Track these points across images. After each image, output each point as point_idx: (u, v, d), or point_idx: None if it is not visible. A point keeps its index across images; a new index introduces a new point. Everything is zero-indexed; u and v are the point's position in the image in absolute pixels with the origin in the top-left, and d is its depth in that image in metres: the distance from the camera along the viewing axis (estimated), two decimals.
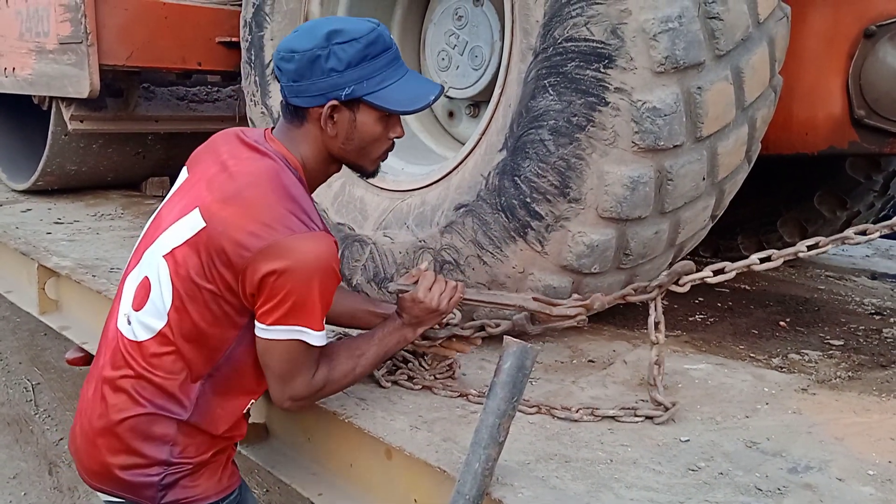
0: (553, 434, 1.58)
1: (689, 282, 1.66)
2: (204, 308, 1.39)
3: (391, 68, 1.46)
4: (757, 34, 1.84)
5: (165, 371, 1.41)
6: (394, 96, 1.45)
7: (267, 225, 1.35)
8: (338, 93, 1.42)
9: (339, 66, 1.40)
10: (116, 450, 1.43)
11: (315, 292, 1.36)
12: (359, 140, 1.50)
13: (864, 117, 2.16)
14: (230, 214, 1.37)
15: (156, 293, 1.42)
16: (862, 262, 3.60)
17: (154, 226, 1.51)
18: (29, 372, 4.42)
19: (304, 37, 1.42)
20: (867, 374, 1.97)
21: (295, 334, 1.38)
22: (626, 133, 1.73)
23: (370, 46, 1.43)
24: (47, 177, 4.17)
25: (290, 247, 1.34)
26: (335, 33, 1.40)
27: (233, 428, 1.52)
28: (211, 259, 1.36)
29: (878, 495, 1.35)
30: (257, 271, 1.33)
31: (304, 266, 1.34)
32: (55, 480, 3.37)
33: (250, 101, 2.69)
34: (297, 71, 1.42)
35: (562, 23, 1.76)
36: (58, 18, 3.38)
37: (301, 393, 1.47)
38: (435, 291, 1.61)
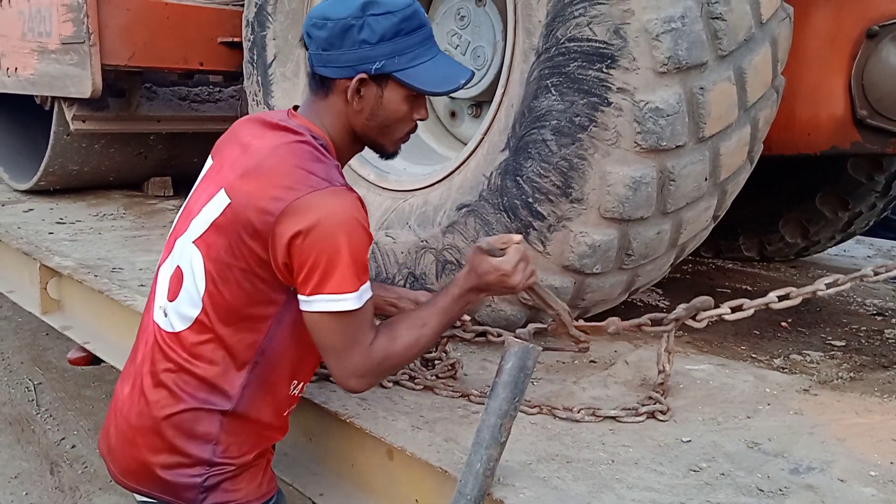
0: (554, 434, 1.58)
1: (707, 318, 1.68)
2: (237, 288, 1.35)
3: (424, 47, 1.42)
4: (759, 34, 1.83)
5: (207, 361, 1.38)
6: (424, 76, 1.41)
7: (287, 187, 1.30)
8: (368, 66, 1.37)
9: (371, 39, 1.36)
10: (158, 448, 1.40)
11: (344, 249, 1.29)
12: (383, 118, 1.45)
13: (866, 117, 2.16)
14: (252, 186, 1.34)
15: (189, 281, 1.39)
16: (863, 262, 3.59)
17: (184, 216, 1.48)
18: (30, 372, 4.42)
19: (339, 5, 1.37)
20: (869, 375, 1.97)
21: (334, 304, 1.31)
22: (629, 133, 1.73)
23: (405, 21, 1.38)
24: (49, 177, 4.17)
25: (312, 203, 1.29)
26: (371, 4, 1.35)
27: (278, 419, 1.49)
28: (238, 234, 1.33)
29: (879, 496, 1.35)
30: (283, 234, 1.29)
31: (328, 221, 1.28)
32: (57, 480, 3.37)
33: (252, 101, 2.70)
34: (327, 39, 1.37)
35: (564, 23, 1.76)
36: (60, 18, 3.39)
37: (361, 366, 1.38)
38: (519, 268, 1.50)
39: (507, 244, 1.52)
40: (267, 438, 1.49)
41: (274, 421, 1.48)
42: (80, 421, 3.85)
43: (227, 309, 1.36)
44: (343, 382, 1.41)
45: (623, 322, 1.75)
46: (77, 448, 3.61)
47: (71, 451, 3.59)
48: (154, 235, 3.40)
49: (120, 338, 2.51)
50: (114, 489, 3.27)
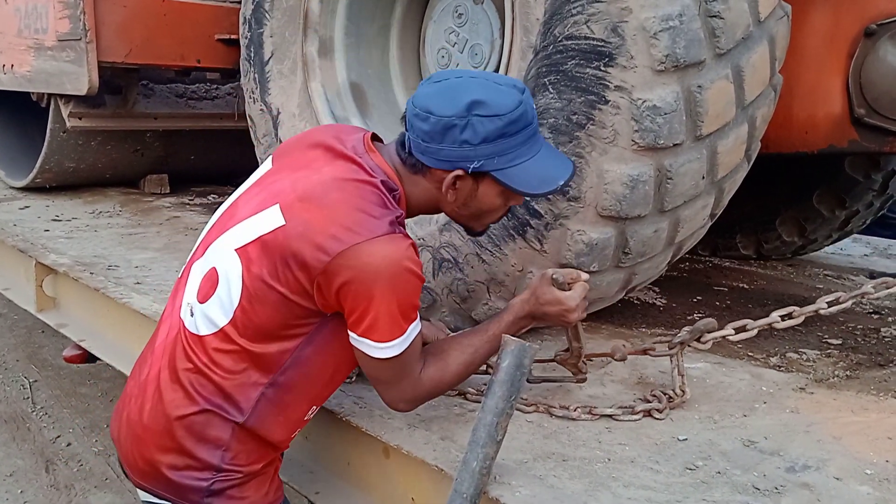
0: (551, 433, 1.58)
1: (712, 339, 1.69)
2: (273, 310, 1.33)
3: (527, 145, 1.38)
4: (757, 33, 1.83)
5: (225, 370, 1.36)
6: (523, 176, 1.38)
7: (348, 228, 1.29)
8: (466, 164, 1.35)
9: (473, 140, 1.33)
10: (167, 448, 1.38)
11: (393, 298, 1.30)
12: (476, 209, 1.45)
13: (863, 116, 2.16)
14: (312, 216, 1.31)
15: (223, 288, 1.36)
16: (860, 261, 3.60)
17: (228, 214, 1.45)
18: (26, 369, 4.41)
19: (445, 100, 1.34)
20: (865, 374, 1.97)
21: (379, 351, 1.34)
22: (626, 131, 1.73)
23: (511, 124, 1.34)
24: (45, 174, 4.16)
25: (368, 251, 1.28)
26: (478, 104, 1.32)
27: (286, 441, 1.48)
28: (286, 260, 1.31)
29: (875, 494, 1.35)
30: (335, 277, 1.28)
31: (381, 271, 1.28)
32: (52, 478, 3.36)
33: (249, 99, 2.69)
34: (429, 133, 1.35)
35: (562, 21, 1.75)
36: (56, 15, 3.38)
37: (410, 394, 1.44)
38: (580, 306, 1.53)
39: (576, 280, 1.54)
40: (277, 449, 1.48)
41: (282, 441, 1.47)
42: (76, 419, 3.85)
43: (257, 327, 1.35)
44: (392, 406, 1.47)
45: (629, 348, 1.76)
46: (72, 446, 3.60)
47: (66, 448, 3.59)
48: (150, 233, 3.39)
49: (115, 335, 2.51)
50: (109, 487, 3.27)
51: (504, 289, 1.96)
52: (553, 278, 1.52)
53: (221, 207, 1.51)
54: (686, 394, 1.71)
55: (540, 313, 1.53)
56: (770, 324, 1.70)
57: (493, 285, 1.97)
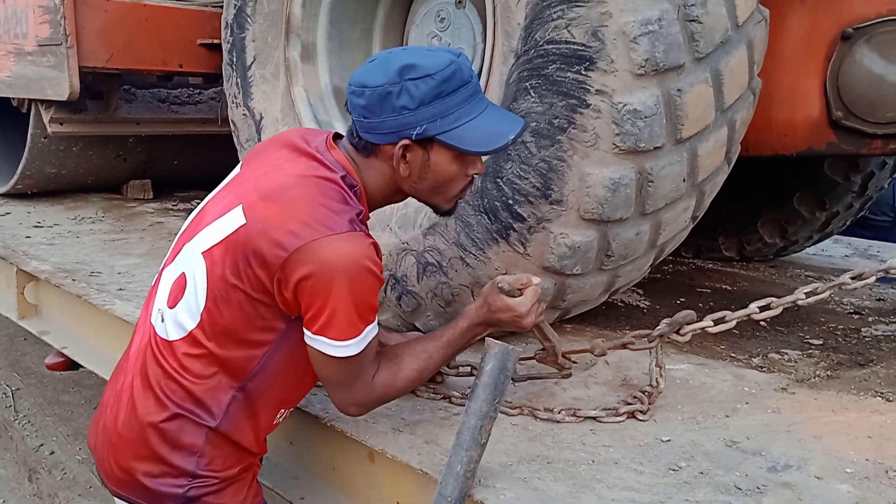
0: (535, 435, 1.59)
1: (690, 331, 1.70)
2: (238, 310, 1.33)
3: (469, 104, 1.37)
4: (736, 37, 1.85)
5: (195, 375, 1.36)
6: (469, 135, 1.36)
7: (306, 224, 1.29)
8: (409, 132, 1.34)
9: (410, 104, 1.32)
10: (142, 456, 1.38)
11: (348, 296, 1.29)
12: (432, 179, 1.43)
13: (841, 119, 2.18)
14: (271, 213, 1.31)
15: (190, 292, 1.36)
16: (841, 262, 3.64)
17: (197, 219, 1.45)
18: (8, 377, 4.37)
19: (377, 71, 1.35)
20: (846, 373, 1.99)
21: (335, 349, 1.33)
22: (607, 135, 1.74)
23: (445, 83, 1.33)
24: (26, 180, 4.13)
25: (326, 247, 1.28)
26: (408, 68, 1.32)
27: (257, 444, 1.48)
28: (247, 259, 1.31)
29: (855, 493, 1.37)
30: (292, 273, 1.28)
31: (339, 268, 1.27)
32: (35, 487, 3.33)
33: (232, 104, 2.68)
34: (367, 107, 1.35)
35: (543, 25, 1.76)
36: (36, 20, 3.35)
37: (362, 397, 1.43)
38: (533, 310, 1.52)
39: (526, 286, 1.54)
40: (253, 454, 1.48)
41: (253, 445, 1.46)
42: (59, 427, 3.81)
43: (224, 329, 1.35)
44: (342, 409, 1.46)
45: (608, 343, 1.77)
46: (56, 454, 3.57)
47: (50, 457, 3.55)
48: (133, 239, 3.37)
49: (98, 342, 2.49)
50: (93, 496, 3.24)
51: None
52: (499, 287, 1.52)
53: (193, 213, 1.51)
54: (660, 385, 1.72)
55: (493, 320, 1.53)
56: (749, 314, 1.70)
57: (477, 289, 1.97)
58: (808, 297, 1.68)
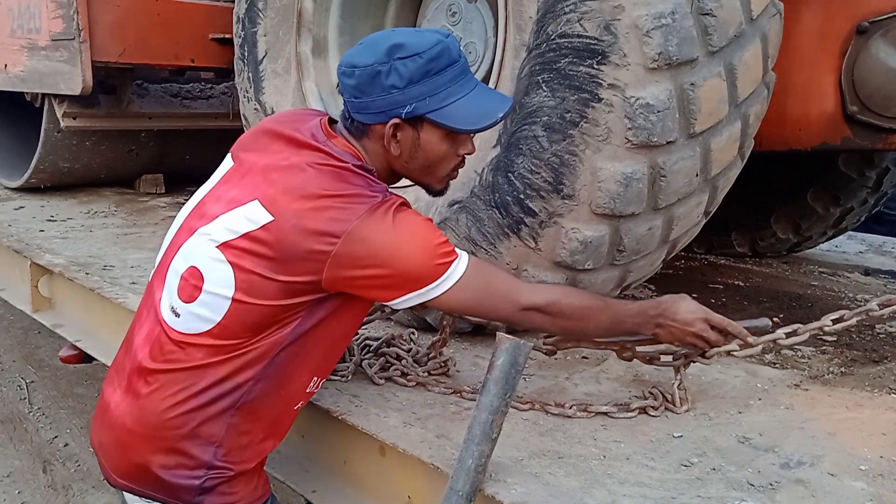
0: (546, 430, 1.58)
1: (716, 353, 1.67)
2: (272, 301, 1.33)
3: (457, 83, 1.39)
4: (750, 30, 1.84)
5: (216, 367, 1.36)
6: (458, 114, 1.39)
7: (344, 208, 1.30)
8: (398, 110, 1.36)
9: (399, 83, 1.34)
10: (158, 448, 1.38)
11: (417, 246, 1.34)
12: (423, 158, 1.45)
13: (856, 113, 2.16)
14: (302, 206, 1.31)
15: (212, 285, 1.35)
16: (855, 258, 3.61)
17: (197, 214, 1.44)
18: (23, 370, 4.41)
19: (366, 51, 1.37)
20: (859, 370, 1.98)
21: (435, 290, 1.37)
22: (620, 129, 1.73)
23: (433, 61, 1.35)
24: (40, 174, 4.15)
25: (372, 221, 1.30)
26: (397, 48, 1.34)
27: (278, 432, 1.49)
28: (285, 252, 1.30)
29: (869, 490, 1.36)
30: (351, 255, 1.30)
31: (389, 233, 1.31)
32: (49, 479, 3.36)
33: (244, 98, 2.69)
34: (357, 87, 1.37)
35: (555, 19, 1.76)
36: (49, 15, 3.37)
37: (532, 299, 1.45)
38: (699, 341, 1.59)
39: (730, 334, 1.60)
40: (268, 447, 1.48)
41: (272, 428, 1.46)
42: (73, 419, 3.84)
43: (254, 320, 1.35)
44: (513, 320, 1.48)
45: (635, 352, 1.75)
46: (70, 446, 3.60)
47: (64, 449, 3.58)
48: (146, 233, 3.39)
49: (111, 335, 2.51)
50: (106, 488, 3.26)
51: None
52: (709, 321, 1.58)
53: (185, 208, 1.50)
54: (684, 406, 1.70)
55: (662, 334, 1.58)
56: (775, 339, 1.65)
57: None
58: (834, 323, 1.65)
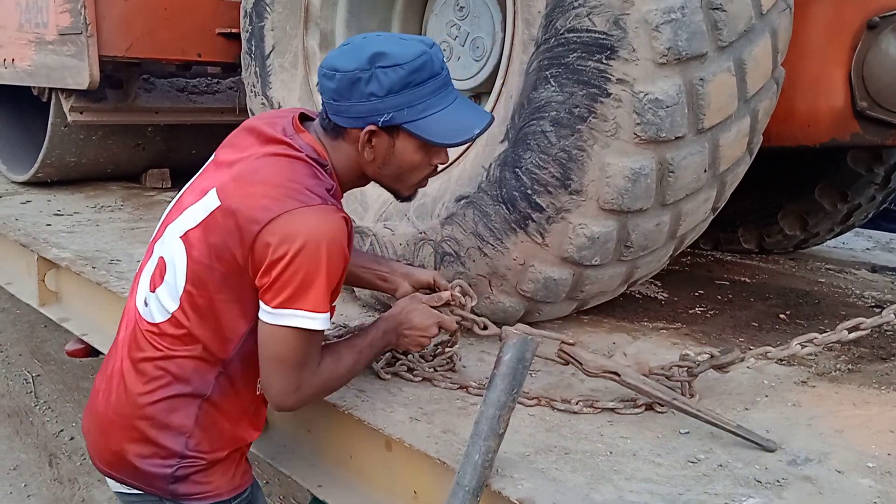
0: (553, 426, 1.58)
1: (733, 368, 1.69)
2: (216, 290, 1.36)
3: (437, 96, 1.39)
4: (760, 25, 1.82)
5: (181, 356, 1.39)
6: (436, 126, 1.39)
7: (278, 199, 1.31)
8: (376, 118, 1.36)
9: (379, 92, 1.34)
10: (133, 437, 1.42)
11: (323, 268, 1.30)
12: (396, 166, 1.45)
13: (866, 109, 2.15)
14: (245, 192, 1.34)
15: (170, 275, 1.40)
16: (862, 255, 3.59)
17: (176, 207, 1.48)
18: (29, 363, 4.42)
19: (349, 55, 1.36)
20: (867, 367, 1.97)
21: (304, 321, 1.32)
22: (628, 124, 1.72)
23: (415, 73, 1.35)
24: (47, 168, 4.17)
25: (300, 219, 1.29)
26: (379, 56, 1.33)
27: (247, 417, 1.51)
28: (223, 238, 1.34)
29: (877, 487, 1.35)
30: (266, 244, 1.29)
31: (312, 239, 1.29)
32: (55, 472, 3.37)
33: (251, 93, 2.69)
34: (337, 90, 1.37)
35: (564, 13, 1.75)
36: (57, 9, 3.37)
37: (307, 384, 1.40)
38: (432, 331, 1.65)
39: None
40: (240, 438, 1.51)
41: (242, 419, 1.49)
42: (79, 413, 3.85)
43: (204, 309, 1.38)
44: (282, 398, 1.41)
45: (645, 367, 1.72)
46: (76, 440, 3.61)
47: (70, 442, 3.60)
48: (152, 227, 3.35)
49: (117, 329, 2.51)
50: None
51: (506, 282, 1.96)
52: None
53: (170, 204, 1.54)
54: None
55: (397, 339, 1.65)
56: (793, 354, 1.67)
57: (494, 279, 1.97)
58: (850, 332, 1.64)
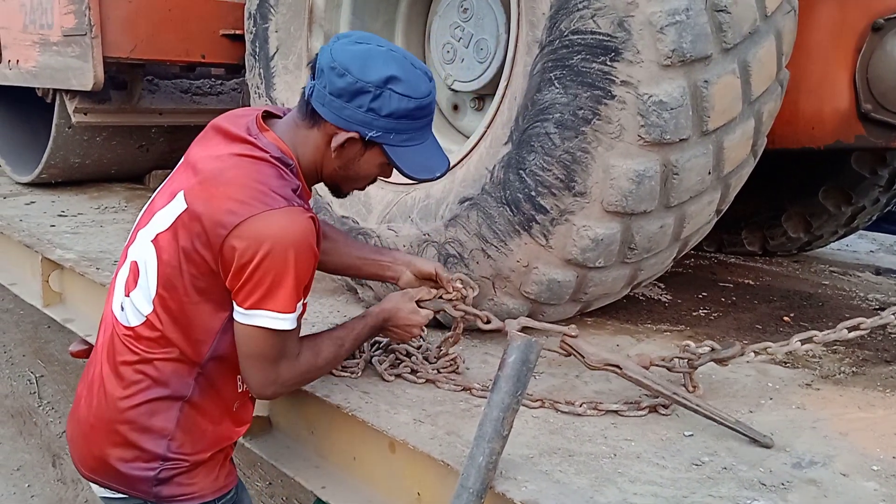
0: (557, 428, 1.58)
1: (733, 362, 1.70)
2: (185, 294, 1.37)
3: (421, 131, 1.45)
4: (764, 27, 1.82)
5: (158, 358, 1.41)
6: (410, 158, 1.44)
7: (243, 202, 1.32)
8: (364, 130, 1.39)
9: (380, 111, 1.38)
10: (115, 442, 1.43)
11: (291, 270, 1.32)
12: (353, 172, 1.50)
13: (870, 111, 2.15)
14: (210, 195, 1.35)
15: (143, 279, 1.41)
16: (866, 257, 3.59)
17: (147, 211, 1.50)
18: (32, 364, 4.43)
19: (366, 64, 1.37)
20: (871, 370, 1.97)
21: (273, 322, 1.34)
22: (632, 126, 1.72)
23: (418, 109, 1.41)
24: (51, 169, 4.17)
25: (266, 222, 1.31)
26: (395, 80, 1.37)
27: (233, 421, 1.53)
28: (191, 241, 1.35)
29: (882, 490, 1.35)
30: (234, 248, 1.31)
31: (279, 242, 1.30)
32: (59, 472, 3.38)
33: (254, 94, 2.69)
34: (340, 89, 1.37)
35: (568, 15, 1.75)
36: (61, 10, 3.38)
37: (286, 376, 1.45)
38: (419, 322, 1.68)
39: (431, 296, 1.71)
40: (224, 437, 1.52)
41: (224, 418, 1.50)
42: None
43: (176, 313, 1.39)
44: (262, 389, 1.46)
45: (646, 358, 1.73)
46: None
47: None
48: None
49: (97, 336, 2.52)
50: None
51: (509, 284, 1.96)
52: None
53: (143, 207, 1.55)
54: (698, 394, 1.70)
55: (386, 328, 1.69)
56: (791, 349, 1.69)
57: (498, 280, 1.97)
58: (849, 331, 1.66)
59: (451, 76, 2.43)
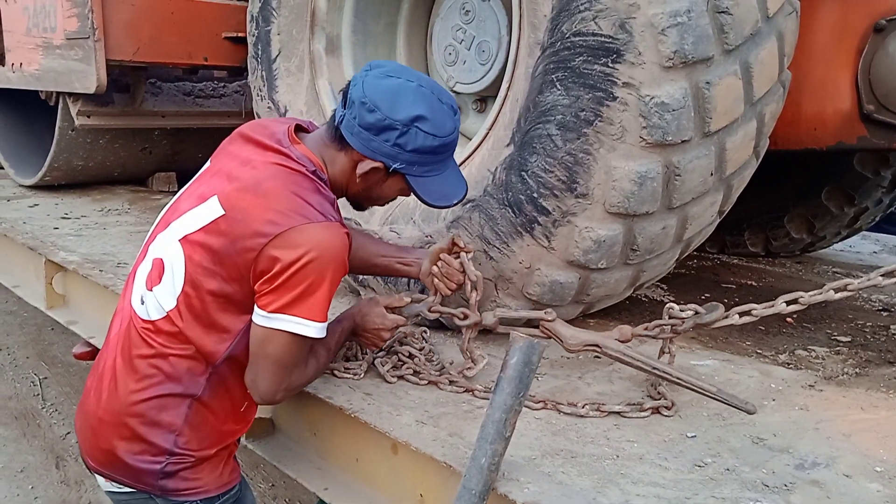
0: (559, 429, 1.58)
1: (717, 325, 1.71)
2: (211, 296, 1.40)
3: (442, 163, 1.52)
4: (766, 29, 1.82)
5: (176, 352, 1.43)
6: (431, 187, 1.52)
7: (284, 213, 1.37)
8: (389, 162, 1.46)
9: (406, 147, 1.44)
10: (123, 435, 1.45)
11: (326, 282, 1.37)
12: (375, 195, 1.58)
13: (873, 112, 2.15)
14: (249, 204, 1.38)
15: (168, 276, 1.43)
16: (869, 258, 3.58)
17: (171, 210, 1.52)
18: (36, 366, 4.44)
19: (395, 103, 1.43)
20: (875, 371, 1.97)
21: (299, 327, 1.38)
22: (634, 128, 1.72)
23: (443, 147, 1.48)
24: (54, 172, 4.19)
25: (306, 235, 1.36)
26: (422, 119, 1.43)
27: (238, 420, 1.55)
28: (226, 247, 1.38)
29: (885, 492, 1.34)
30: (271, 257, 1.35)
31: (318, 255, 1.35)
32: (62, 474, 3.38)
33: (257, 97, 2.69)
34: (369, 124, 1.43)
35: (570, 17, 1.75)
36: (64, 14, 3.39)
37: (296, 382, 1.51)
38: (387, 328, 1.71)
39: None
40: (228, 434, 1.54)
41: (231, 416, 1.53)
42: None
43: (199, 312, 1.41)
44: (271, 395, 1.48)
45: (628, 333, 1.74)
46: None
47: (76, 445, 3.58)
48: None
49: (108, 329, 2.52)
50: None
51: (512, 285, 1.96)
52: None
53: (165, 207, 1.58)
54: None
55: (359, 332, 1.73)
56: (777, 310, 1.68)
57: (500, 282, 1.97)
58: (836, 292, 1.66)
59: (452, 78, 2.43)
